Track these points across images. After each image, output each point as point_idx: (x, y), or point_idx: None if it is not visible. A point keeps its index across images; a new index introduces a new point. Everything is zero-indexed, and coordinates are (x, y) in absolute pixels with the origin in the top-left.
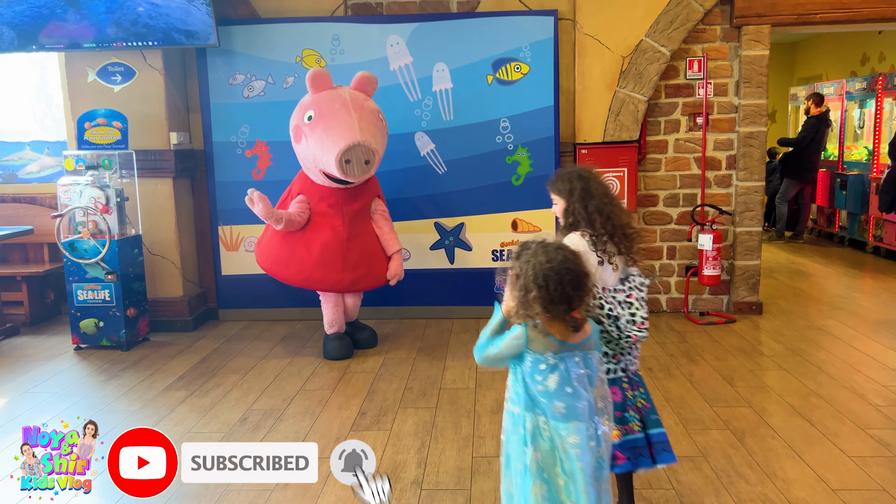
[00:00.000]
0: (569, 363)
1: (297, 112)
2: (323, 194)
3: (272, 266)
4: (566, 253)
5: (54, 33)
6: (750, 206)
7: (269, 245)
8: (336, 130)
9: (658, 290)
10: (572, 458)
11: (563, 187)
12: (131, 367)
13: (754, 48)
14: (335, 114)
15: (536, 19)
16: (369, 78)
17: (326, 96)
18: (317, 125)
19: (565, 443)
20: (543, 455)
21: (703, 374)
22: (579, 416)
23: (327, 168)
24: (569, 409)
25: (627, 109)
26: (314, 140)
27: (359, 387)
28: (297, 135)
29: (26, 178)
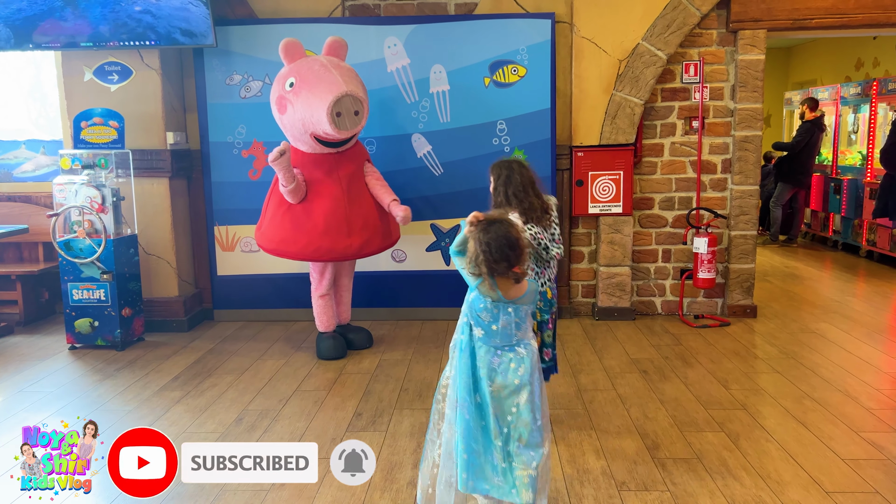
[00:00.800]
0: (502, 310)
1: (277, 84)
2: (316, 162)
3: (279, 246)
4: (505, 225)
5: (51, 32)
6: (745, 210)
7: (272, 226)
8: (321, 86)
9: (653, 293)
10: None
11: (494, 172)
12: (126, 367)
13: (750, 53)
14: (316, 74)
15: (534, 22)
16: (340, 41)
17: (304, 62)
18: (300, 88)
19: (492, 365)
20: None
21: (698, 377)
22: (496, 345)
23: (319, 126)
24: (491, 338)
25: (624, 112)
26: (301, 103)
27: (354, 388)
28: (281, 105)
29: (21, 177)
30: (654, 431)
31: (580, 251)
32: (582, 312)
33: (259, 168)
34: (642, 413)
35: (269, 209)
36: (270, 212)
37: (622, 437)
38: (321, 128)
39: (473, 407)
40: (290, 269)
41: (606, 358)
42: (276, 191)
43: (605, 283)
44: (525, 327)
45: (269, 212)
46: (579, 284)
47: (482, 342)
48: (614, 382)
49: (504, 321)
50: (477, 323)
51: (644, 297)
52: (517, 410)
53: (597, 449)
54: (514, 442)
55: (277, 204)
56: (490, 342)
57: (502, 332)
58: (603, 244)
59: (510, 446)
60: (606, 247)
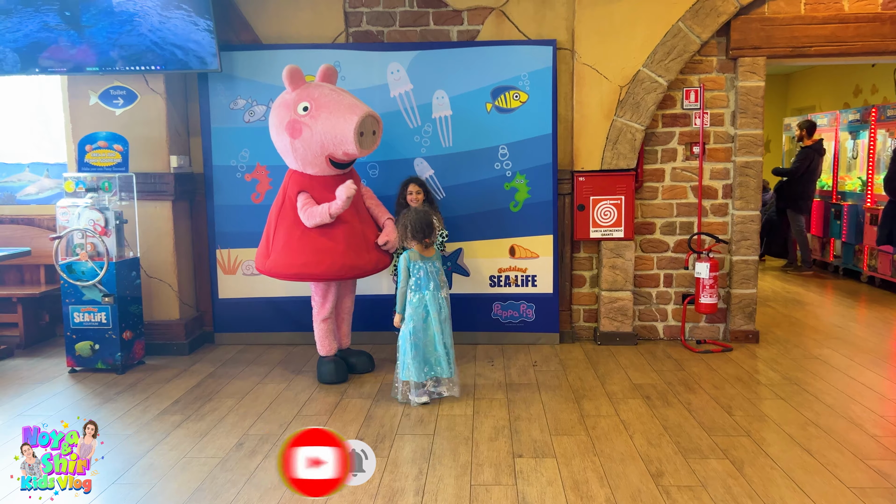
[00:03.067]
0: (426, 264)
1: (283, 110)
2: (325, 185)
3: (302, 269)
4: (423, 212)
5: (57, 57)
6: (746, 235)
7: (288, 252)
8: (342, 108)
9: (655, 318)
10: (428, 308)
11: (427, 188)
12: (126, 391)
13: (750, 79)
14: (331, 97)
15: (535, 49)
16: (332, 69)
17: (312, 88)
18: (319, 112)
19: (424, 299)
20: (415, 309)
21: (701, 403)
22: (426, 288)
23: (342, 147)
24: (424, 284)
25: (625, 138)
26: (322, 125)
27: (355, 412)
28: (294, 129)
29: (25, 200)
30: (658, 458)
31: (581, 275)
32: (583, 337)
33: (262, 192)
34: (646, 439)
35: (278, 236)
36: (282, 238)
37: (626, 463)
38: (344, 148)
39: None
40: (290, 292)
41: (609, 383)
42: (283, 217)
43: (606, 307)
44: (441, 273)
45: (279, 238)
46: (581, 309)
47: (425, 290)
48: (617, 408)
49: (429, 269)
50: (416, 281)
51: (646, 322)
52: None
53: (600, 476)
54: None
55: (290, 229)
56: (426, 286)
57: (431, 278)
58: (605, 268)
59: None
60: (608, 271)
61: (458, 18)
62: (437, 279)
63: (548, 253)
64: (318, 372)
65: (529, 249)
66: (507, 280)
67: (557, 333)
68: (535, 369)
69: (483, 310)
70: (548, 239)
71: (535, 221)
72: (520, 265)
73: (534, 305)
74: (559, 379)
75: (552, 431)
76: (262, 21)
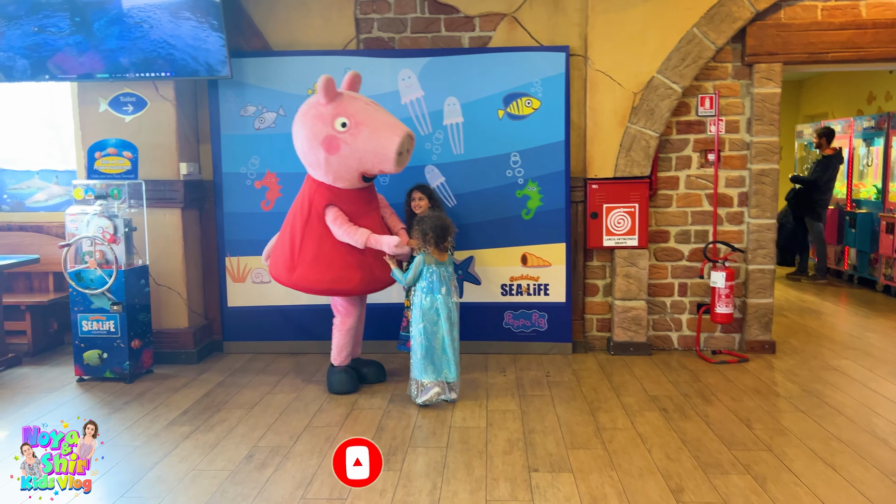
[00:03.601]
0: (439, 269)
1: (318, 123)
2: (351, 199)
3: (333, 285)
4: (439, 217)
5: (67, 63)
6: (762, 244)
7: (319, 267)
8: (383, 128)
9: (669, 328)
10: (439, 312)
11: (432, 194)
12: (134, 400)
13: (766, 86)
14: (368, 113)
15: (548, 55)
16: (358, 76)
17: (347, 102)
18: (359, 129)
19: (436, 302)
20: (426, 312)
21: (720, 416)
22: (438, 291)
23: (380, 165)
24: (437, 288)
25: (639, 145)
26: (362, 143)
27: (367, 424)
28: (331, 146)
29: (34, 207)
30: (677, 473)
31: (594, 284)
32: (597, 347)
33: (272, 199)
34: (664, 453)
35: (307, 249)
36: (311, 252)
37: (644, 478)
38: (382, 167)
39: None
40: (300, 300)
41: (624, 394)
42: (311, 230)
43: (620, 317)
44: (453, 278)
45: (307, 252)
46: (594, 318)
47: (437, 294)
48: (633, 420)
49: (441, 274)
50: (429, 284)
51: (660, 332)
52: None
53: (619, 491)
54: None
55: (318, 242)
56: (438, 290)
57: (443, 282)
58: (618, 277)
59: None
60: (622, 280)
61: (470, 25)
62: (448, 284)
63: (560, 261)
64: (329, 381)
65: (542, 258)
66: (518, 289)
67: (570, 343)
68: (548, 380)
69: (494, 319)
70: (560, 247)
71: (548, 229)
72: (532, 274)
73: (546, 315)
74: (573, 390)
75: (568, 445)
76: (272, 28)
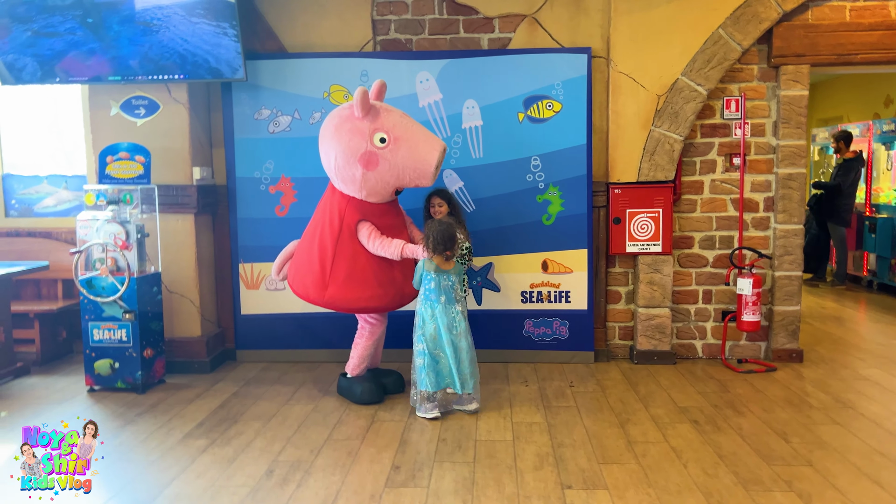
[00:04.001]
0: (439, 277)
1: (356, 138)
2: (382, 212)
3: (369, 303)
4: (447, 224)
5: (77, 65)
6: (789, 250)
7: (353, 285)
8: (423, 143)
9: (693, 336)
10: (437, 320)
11: (452, 200)
12: (148, 412)
13: (793, 88)
14: (407, 128)
15: (569, 57)
16: (385, 85)
17: (383, 116)
18: (399, 144)
19: (434, 311)
20: (424, 321)
21: (753, 428)
22: (437, 301)
23: (418, 180)
24: (435, 297)
25: (663, 149)
26: (402, 158)
27: (389, 437)
28: (370, 162)
29: (42, 213)
30: (717, 490)
31: (617, 291)
32: (619, 355)
33: (286, 204)
34: (701, 469)
35: (339, 267)
36: (344, 270)
37: (684, 496)
38: (420, 181)
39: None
40: (316, 308)
41: (652, 406)
42: (343, 247)
43: (644, 325)
44: (456, 287)
45: (340, 270)
46: (616, 326)
47: (436, 303)
48: (665, 433)
49: (441, 282)
50: (427, 291)
51: (684, 340)
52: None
53: None
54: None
55: (351, 260)
56: (437, 299)
57: (442, 291)
58: (642, 284)
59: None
60: (645, 287)
61: (490, 26)
62: (450, 293)
63: (582, 268)
64: (352, 392)
65: (563, 264)
66: (539, 296)
67: (592, 352)
68: (573, 390)
69: (514, 327)
70: (582, 253)
71: (569, 235)
72: (553, 280)
73: (567, 322)
74: (599, 401)
75: (600, 459)
76: (287, 29)
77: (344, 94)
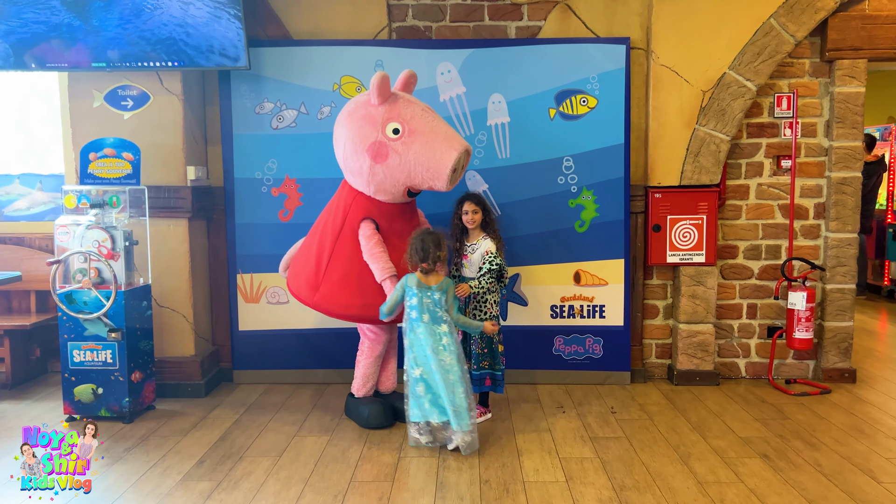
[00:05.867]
0: (422, 293)
1: (367, 126)
2: (391, 214)
3: (362, 311)
4: (427, 233)
5: (57, 50)
6: (843, 261)
7: (347, 289)
8: (439, 140)
9: (736, 354)
10: (423, 344)
11: (486, 205)
12: (138, 447)
13: (849, 84)
14: (424, 121)
15: (606, 48)
16: (415, 76)
17: (402, 105)
18: (413, 138)
19: (417, 330)
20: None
21: (833, 464)
22: (419, 321)
23: (430, 182)
24: (416, 317)
25: (708, 150)
26: (414, 156)
27: (422, 478)
28: (379, 153)
29: (13, 216)
30: None
31: (654, 305)
32: (656, 375)
33: (290, 208)
34: None
35: (335, 267)
36: (339, 271)
37: None
38: (432, 183)
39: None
40: (322, 323)
41: (710, 436)
42: (342, 246)
43: (685, 342)
44: (441, 306)
45: (335, 271)
46: (653, 343)
47: (418, 322)
48: (737, 471)
49: (423, 300)
50: (408, 309)
51: (726, 359)
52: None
53: None
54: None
55: (348, 262)
56: (420, 318)
57: (425, 309)
58: (683, 298)
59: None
60: (687, 301)
61: (518, 13)
62: (434, 311)
63: (618, 280)
64: (358, 413)
65: (597, 276)
66: (571, 310)
67: (629, 372)
68: (616, 417)
69: (543, 344)
70: (618, 264)
71: (604, 244)
72: (586, 293)
73: (601, 340)
74: (649, 430)
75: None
76: (292, 14)
77: (356, 87)
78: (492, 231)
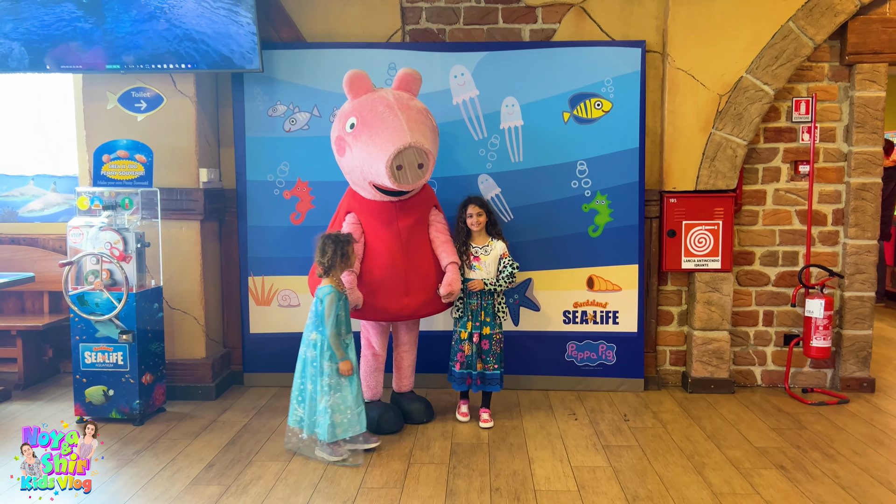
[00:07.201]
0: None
1: (338, 122)
2: (374, 210)
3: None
4: (324, 236)
5: (71, 52)
6: (861, 268)
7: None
8: (382, 135)
9: (752, 361)
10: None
11: (490, 209)
12: (147, 449)
13: (869, 89)
14: (379, 117)
15: (621, 51)
16: (413, 75)
17: (368, 100)
18: (360, 133)
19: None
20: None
21: (852, 477)
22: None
23: (377, 179)
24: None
25: (724, 154)
26: (360, 149)
27: (432, 485)
28: (340, 147)
29: (28, 217)
30: None
31: (668, 311)
32: (670, 383)
33: (303, 211)
34: None
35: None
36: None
37: None
38: (376, 179)
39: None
40: None
41: (725, 446)
42: None
43: (700, 349)
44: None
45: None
46: (666, 350)
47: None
48: (752, 482)
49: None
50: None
51: (741, 366)
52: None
53: None
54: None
55: None
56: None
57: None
58: (698, 304)
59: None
60: (702, 308)
61: (532, 16)
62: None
63: (632, 285)
64: (368, 417)
65: (611, 281)
66: (584, 316)
67: (642, 379)
68: (629, 425)
69: (555, 350)
70: (632, 269)
71: (618, 249)
72: (599, 299)
73: (615, 346)
74: (663, 439)
75: None
76: (306, 16)
77: None
78: (497, 233)
